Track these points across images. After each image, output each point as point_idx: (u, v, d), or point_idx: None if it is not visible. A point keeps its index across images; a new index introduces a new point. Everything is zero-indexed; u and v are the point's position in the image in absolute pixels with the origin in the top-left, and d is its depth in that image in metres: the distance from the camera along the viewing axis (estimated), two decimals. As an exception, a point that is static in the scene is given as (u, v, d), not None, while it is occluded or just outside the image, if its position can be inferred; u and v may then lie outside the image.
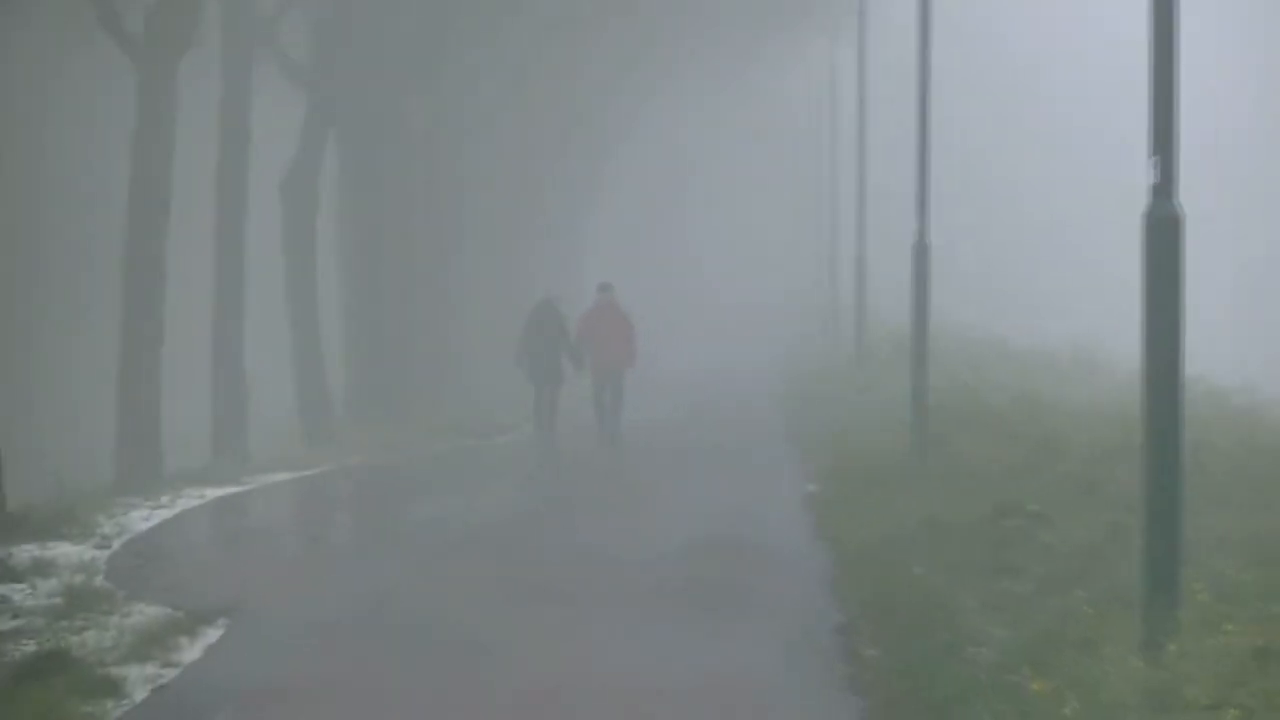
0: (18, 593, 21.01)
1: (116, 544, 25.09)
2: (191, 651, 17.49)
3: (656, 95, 70.68)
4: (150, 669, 16.65)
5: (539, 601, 20.78)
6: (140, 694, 15.69)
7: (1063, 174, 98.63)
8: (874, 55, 44.81)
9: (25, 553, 23.34)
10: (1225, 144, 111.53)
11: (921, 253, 30.86)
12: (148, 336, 34.52)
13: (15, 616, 19.53)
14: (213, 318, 37.51)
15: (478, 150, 49.42)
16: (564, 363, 37.72)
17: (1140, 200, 13.93)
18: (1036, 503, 19.59)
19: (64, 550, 23.97)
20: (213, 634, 18.30)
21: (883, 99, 44.37)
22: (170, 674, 16.58)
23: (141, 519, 27.80)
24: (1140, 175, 14.12)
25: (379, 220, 44.13)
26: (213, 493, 31.48)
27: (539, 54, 50.60)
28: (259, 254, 38.84)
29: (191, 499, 30.45)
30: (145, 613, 19.38)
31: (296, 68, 41.14)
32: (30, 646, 17.31)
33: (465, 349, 49.05)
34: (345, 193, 44.21)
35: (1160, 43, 14.14)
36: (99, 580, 21.84)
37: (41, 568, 22.55)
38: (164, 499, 30.22)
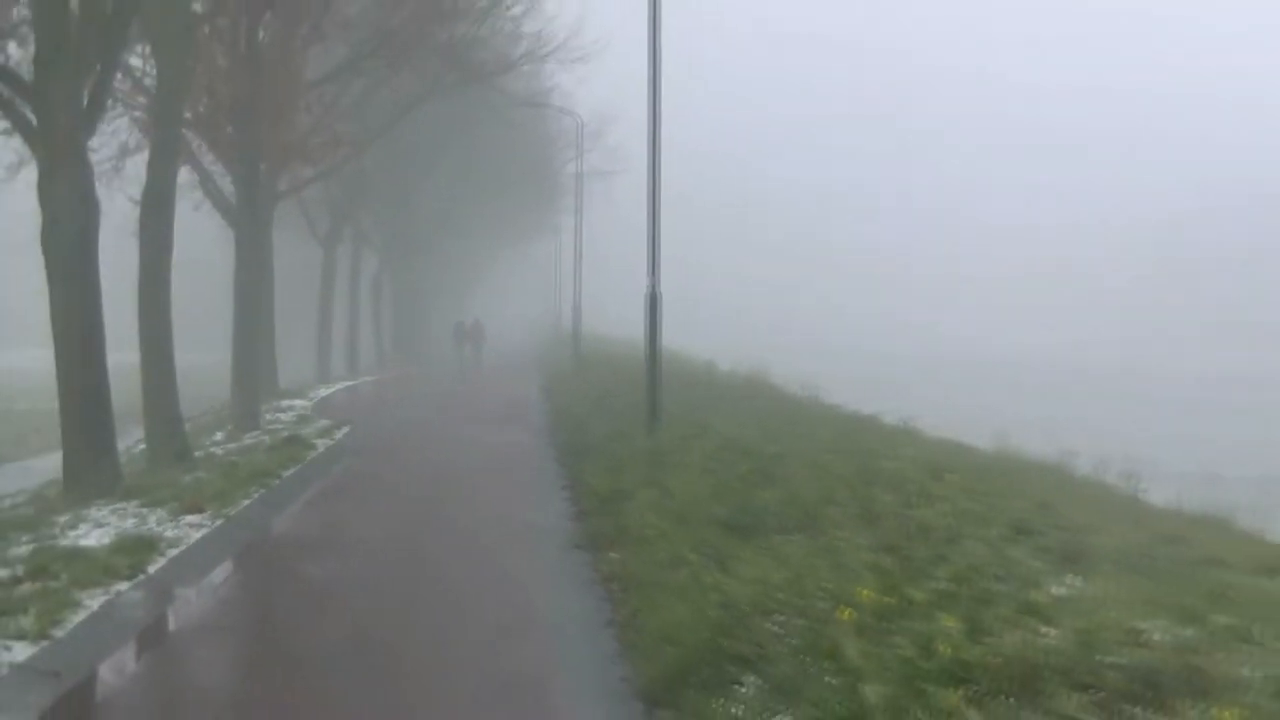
0: (283, 416, 20.79)
1: (315, 400, 24.71)
2: (339, 435, 17.49)
3: (498, 249, 68.34)
4: (326, 441, 16.68)
5: (457, 419, 20.80)
6: (322, 449, 15.76)
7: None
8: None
9: (286, 402, 23.00)
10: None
11: (576, 308, 31.78)
12: (325, 328, 33.89)
13: (280, 425, 19.33)
14: (348, 324, 36.83)
15: (436, 266, 48.48)
16: (465, 342, 37.13)
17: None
18: (618, 390, 20.09)
19: (297, 402, 23.56)
20: (346, 428, 18.27)
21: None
22: (332, 442, 16.60)
23: (323, 392, 27.32)
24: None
25: (403, 288, 43.39)
26: (345, 384, 30.93)
27: (460, 238, 49.31)
28: (366, 304, 37.92)
29: (338, 386, 29.94)
30: (323, 422, 19.25)
31: (375, 244, 40.43)
32: (285, 432, 17.22)
33: (431, 337, 48.24)
34: (395, 280, 43.04)
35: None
36: (309, 411, 21.61)
37: (290, 408, 22.25)
38: (331, 385, 29.73)
